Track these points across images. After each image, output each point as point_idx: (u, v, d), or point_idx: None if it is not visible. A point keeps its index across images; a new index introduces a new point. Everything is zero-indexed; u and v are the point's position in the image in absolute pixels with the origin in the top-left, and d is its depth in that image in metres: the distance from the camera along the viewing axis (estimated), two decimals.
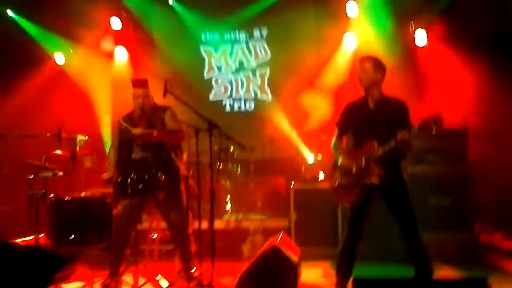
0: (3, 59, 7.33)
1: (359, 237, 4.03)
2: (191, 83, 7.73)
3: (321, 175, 6.09)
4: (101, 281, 4.31)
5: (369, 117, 4.02)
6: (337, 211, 5.60)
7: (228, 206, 6.65)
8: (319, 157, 6.50)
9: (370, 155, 3.91)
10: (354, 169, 4.01)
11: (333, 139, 4.22)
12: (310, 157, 6.64)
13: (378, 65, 4.04)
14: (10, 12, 7.63)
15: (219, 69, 8.15)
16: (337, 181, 4.12)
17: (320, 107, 7.04)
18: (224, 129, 4.34)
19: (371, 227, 4.10)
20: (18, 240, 4.78)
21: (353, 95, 4.23)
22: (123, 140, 4.47)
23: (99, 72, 7.73)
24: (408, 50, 6.99)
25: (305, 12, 7.59)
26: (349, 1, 7.08)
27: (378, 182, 3.88)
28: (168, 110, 4.49)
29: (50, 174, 4.78)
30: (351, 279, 3.85)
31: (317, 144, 6.60)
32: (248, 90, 8.06)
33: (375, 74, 4.01)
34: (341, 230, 5.44)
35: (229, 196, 6.69)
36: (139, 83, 4.51)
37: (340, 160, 4.13)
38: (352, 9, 7.11)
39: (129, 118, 4.50)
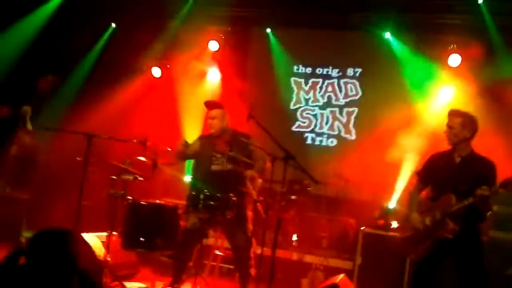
0: (108, 68, 8.15)
1: None
2: (276, 111, 8.13)
3: (394, 224, 6.14)
4: (162, 286, 4.68)
5: (452, 172, 4.00)
6: (405, 264, 5.59)
7: (294, 238, 6.83)
8: (395, 205, 6.55)
9: (446, 209, 3.89)
10: (427, 222, 4.01)
11: (412, 189, 4.26)
12: (386, 204, 6.70)
13: (468, 121, 3.98)
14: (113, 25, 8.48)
15: (306, 101, 8.44)
16: (408, 231, 4.17)
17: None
18: (302, 161, 4.49)
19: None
20: (92, 234, 5.31)
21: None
22: (203, 152, 4.84)
23: (190, 89, 8.34)
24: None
25: (404, 56, 7.66)
26: (452, 54, 7.10)
27: (452, 237, 3.84)
28: (252, 138, 4.82)
29: (131, 177, 5.26)
30: None
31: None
32: (332, 126, 8.27)
33: (462, 131, 3.95)
34: (406, 284, 5.44)
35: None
36: (213, 105, 4.96)
37: (414, 211, 4.16)
38: (454, 61, 7.11)
39: (210, 136, 4.92)
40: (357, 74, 8.24)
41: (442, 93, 7.42)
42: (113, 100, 8.03)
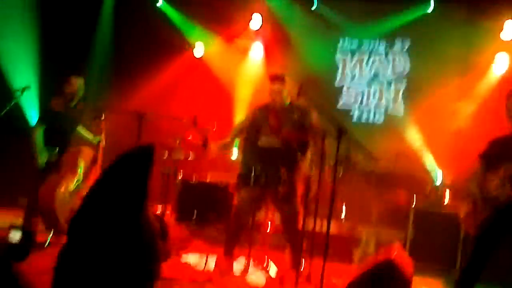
0: (151, 45, 8.33)
1: (480, 271, 3.94)
2: (321, 88, 8.09)
3: (447, 198, 6.13)
4: (216, 257, 4.86)
5: None
6: (458, 241, 5.60)
7: (344, 212, 6.91)
8: (447, 180, 6.53)
9: (506, 177, 3.82)
10: (485, 193, 3.95)
11: (474, 173, 4.13)
12: (438, 178, 6.69)
13: None
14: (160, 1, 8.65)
15: (352, 77, 8.43)
16: (466, 206, 4.16)
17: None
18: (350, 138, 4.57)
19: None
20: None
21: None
22: (254, 127, 4.96)
23: (234, 66, 8.45)
24: None
25: (455, 27, 7.60)
26: (508, 20, 6.95)
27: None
28: (310, 113, 4.82)
29: (182, 156, 5.44)
30: None
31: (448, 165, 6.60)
32: (379, 102, 8.24)
33: None
34: (460, 256, 5.46)
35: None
36: (276, 78, 4.99)
37: (473, 183, 4.10)
38: (509, 32, 6.98)
39: (265, 108, 4.99)
40: (406, 47, 8.16)
41: (496, 65, 7.29)
42: (156, 80, 8.23)
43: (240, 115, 8.06)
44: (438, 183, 6.62)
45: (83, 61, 8.29)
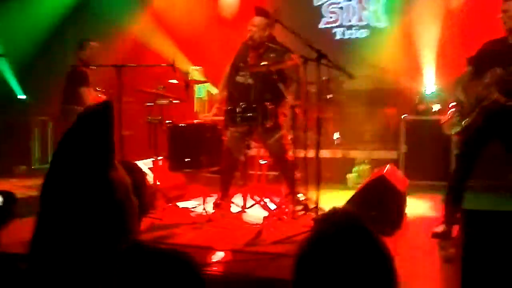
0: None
1: (470, 173, 3.99)
2: (300, 10, 7.87)
3: (436, 107, 6.06)
4: (214, 201, 4.87)
5: (504, 52, 3.80)
6: (450, 144, 5.59)
7: (336, 136, 6.88)
8: (436, 88, 6.43)
9: (492, 81, 3.76)
10: (471, 99, 3.90)
11: (461, 77, 4.07)
12: (425, 88, 6.58)
13: None
14: None
15: None
16: (452, 111, 4.10)
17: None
18: (334, 58, 4.39)
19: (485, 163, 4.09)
20: (138, 162, 5.48)
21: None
22: (235, 63, 4.87)
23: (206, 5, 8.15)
24: None
25: None
26: None
27: (496, 108, 3.70)
28: (287, 54, 4.65)
29: (166, 101, 5.31)
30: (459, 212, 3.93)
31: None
32: (360, 16, 7.99)
33: None
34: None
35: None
36: (258, 12, 4.80)
37: (459, 90, 4.03)
38: None
39: (246, 45, 4.85)
40: None
41: None
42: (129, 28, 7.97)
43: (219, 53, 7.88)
44: (425, 91, 6.51)
45: None
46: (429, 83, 6.76)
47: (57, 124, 7.45)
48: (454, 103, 4.08)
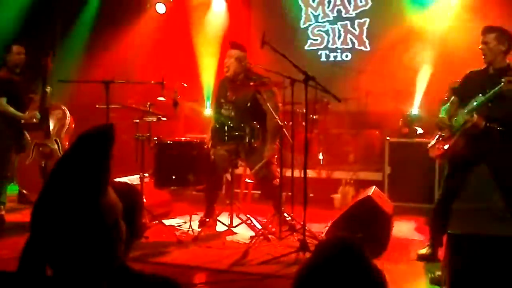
0: (110, 8, 7.93)
1: (455, 196, 4.00)
2: (287, 33, 7.92)
3: (419, 130, 6.09)
4: (199, 219, 4.80)
5: (484, 80, 3.86)
6: (435, 167, 5.58)
7: (321, 157, 6.87)
8: (418, 111, 6.48)
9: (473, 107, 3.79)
10: (454, 122, 3.93)
11: (446, 106, 4.09)
12: (409, 111, 6.63)
13: (502, 35, 3.80)
14: None
15: (316, 18, 8.19)
16: (437, 137, 4.12)
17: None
18: (319, 79, 4.42)
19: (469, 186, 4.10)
20: (124, 178, 5.39)
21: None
22: (217, 99, 5.09)
23: (197, 22, 8.13)
24: None
25: None
26: None
27: (475, 131, 3.72)
28: (269, 92, 4.73)
29: (154, 119, 5.24)
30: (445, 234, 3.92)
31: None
32: (345, 40, 8.06)
33: (498, 46, 3.78)
34: (438, 187, 5.46)
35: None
36: (233, 45, 4.91)
37: (443, 116, 4.05)
38: None
39: (224, 81, 4.93)
40: None
41: None
42: (121, 44, 7.89)
43: (207, 71, 7.87)
44: (409, 114, 6.54)
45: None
46: (413, 106, 6.80)
47: None
48: (439, 127, 4.12)
